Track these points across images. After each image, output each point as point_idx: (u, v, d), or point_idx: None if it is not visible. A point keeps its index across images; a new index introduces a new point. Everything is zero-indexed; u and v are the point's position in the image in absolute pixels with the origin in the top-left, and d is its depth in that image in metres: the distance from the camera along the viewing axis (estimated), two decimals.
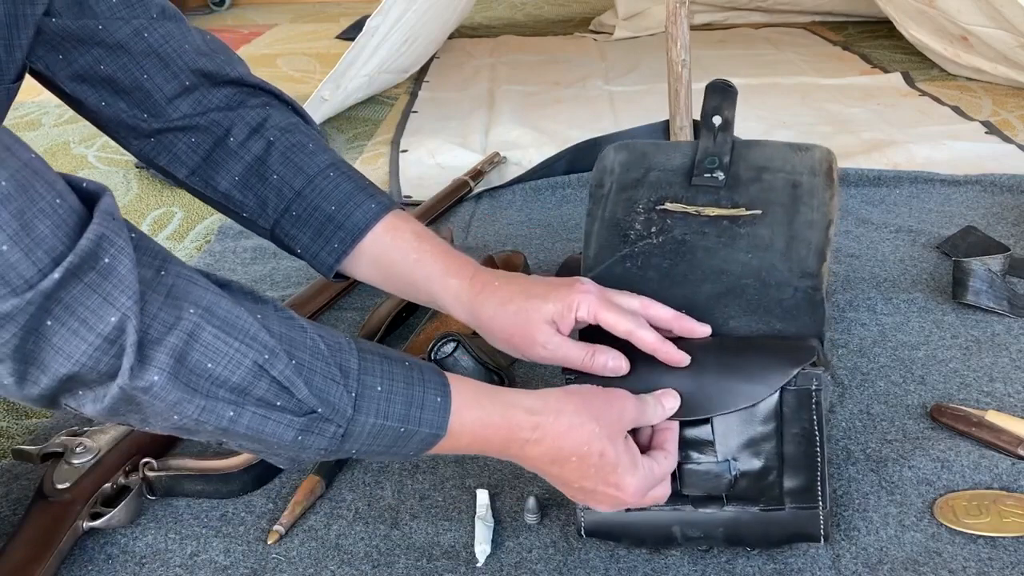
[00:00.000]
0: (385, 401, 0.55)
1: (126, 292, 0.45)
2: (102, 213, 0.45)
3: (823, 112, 1.87)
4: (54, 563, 0.70)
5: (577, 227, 1.32)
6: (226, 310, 0.49)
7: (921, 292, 1.08)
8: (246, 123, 0.72)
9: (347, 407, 0.53)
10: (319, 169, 0.73)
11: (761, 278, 0.71)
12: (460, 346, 0.83)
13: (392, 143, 1.79)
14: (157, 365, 0.46)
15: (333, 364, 0.53)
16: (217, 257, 1.28)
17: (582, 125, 1.81)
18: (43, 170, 0.44)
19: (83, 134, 1.90)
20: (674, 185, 0.78)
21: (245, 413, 0.51)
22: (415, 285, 0.72)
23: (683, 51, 1.44)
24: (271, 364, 0.50)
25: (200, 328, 0.48)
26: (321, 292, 1.08)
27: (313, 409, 0.52)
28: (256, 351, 0.50)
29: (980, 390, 0.89)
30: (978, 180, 1.40)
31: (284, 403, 0.51)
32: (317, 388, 0.52)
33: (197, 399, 0.48)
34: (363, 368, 0.55)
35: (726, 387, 0.65)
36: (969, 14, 1.90)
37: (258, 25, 3.23)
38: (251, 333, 0.50)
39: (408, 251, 0.72)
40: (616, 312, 0.66)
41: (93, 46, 0.67)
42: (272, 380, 0.50)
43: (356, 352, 0.56)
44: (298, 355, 0.52)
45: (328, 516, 0.77)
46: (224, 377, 0.49)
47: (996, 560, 0.69)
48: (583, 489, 0.63)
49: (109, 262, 0.45)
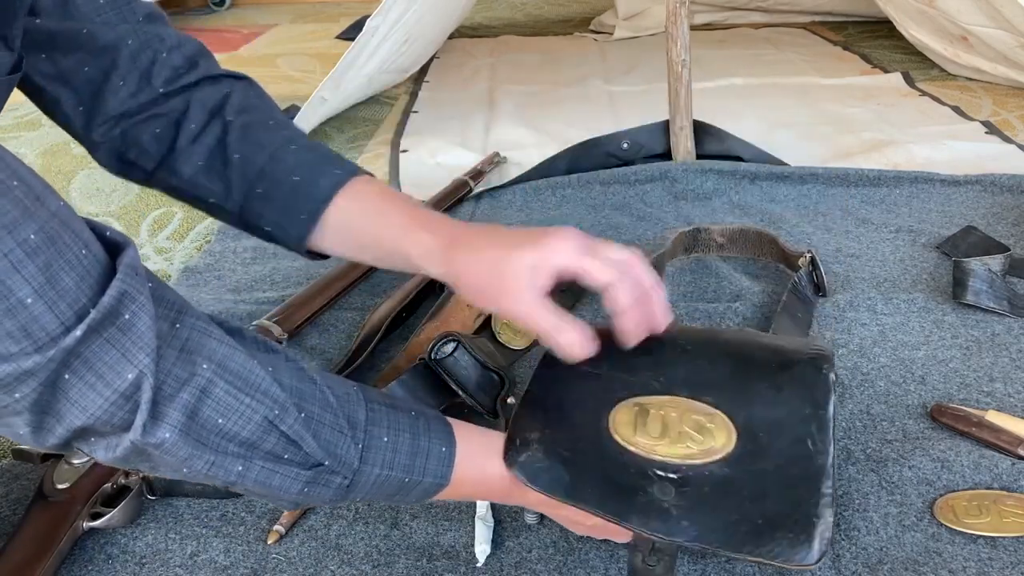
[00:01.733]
0: (391, 452, 0.56)
1: (144, 349, 0.45)
2: (125, 268, 0.45)
3: (823, 112, 1.87)
4: (54, 563, 0.70)
5: (577, 227, 1.32)
6: (239, 364, 0.49)
7: (921, 292, 1.08)
8: (203, 107, 0.72)
9: (354, 459, 0.54)
10: (280, 143, 0.71)
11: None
12: (460, 346, 0.83)
13: (392, 143, 1.79)
14: (169, 422, 0.47)
15: (342, 416, 0.54)
16: (217, 257, 1.28)
17: (582, 125, 1.80)
18: (70, 219, 0.45)
19: None
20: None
21: (253, 467, 0.51)
22: (384, 247, 0.69)
23: (683, 51, 1.45)
24: (281, 419, 0.50)
25: (212, 384, 0.48)
26: (321, 292, 1.08)
27: (320, 462, 0.53)
28: (267, 406, 0.50)
29: (980, 390, 0.89)
30: (978, 180, 1.40)
31: (292, 456, 0.52)
32: (325, 441, 0.53)
33: (207, 454, 0.49)
34: (370, 419, 0.55)
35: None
36: (969, 14, 1.90)
37: (258, 25, 3.22)
38: (263, 388, 0.50)
39: (375, 211, 0.69)
40: (600, 261, 0.62)
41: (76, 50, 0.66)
42: (281, 434, 0.51)
43: (364, 403, 0.56)
44: (307, 408, 0.52)
45: (328, 516, 0.77)
46: (234, 432, 0.49)
47: (996, 560, 0.69)
48: (594, 527, 0.63)
49: (129, 318, 0.45)
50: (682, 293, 1.11)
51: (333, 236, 0.72)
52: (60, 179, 1.65)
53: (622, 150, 1.53)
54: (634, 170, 1.47)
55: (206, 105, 0.72)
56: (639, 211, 1.37)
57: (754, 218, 1.32)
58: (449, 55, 2.54)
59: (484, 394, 0.84)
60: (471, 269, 0.64)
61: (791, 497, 0.58)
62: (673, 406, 0.63)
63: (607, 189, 1.45)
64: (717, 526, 0.57)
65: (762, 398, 0.63)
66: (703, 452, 0.60)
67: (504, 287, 0.62)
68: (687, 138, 1.49)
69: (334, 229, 0.71)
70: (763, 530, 0.56)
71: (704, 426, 0.61)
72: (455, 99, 2.11)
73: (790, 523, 0.56)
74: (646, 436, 0.61)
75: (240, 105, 0.73)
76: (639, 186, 1.44)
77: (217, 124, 0.72)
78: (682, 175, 1.44)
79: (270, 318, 1.01)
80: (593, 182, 1.46)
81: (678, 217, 1.34)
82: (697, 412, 0.63)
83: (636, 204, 1.39)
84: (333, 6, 3.55)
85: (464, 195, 1.43)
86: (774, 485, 0.58)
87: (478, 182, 1.47)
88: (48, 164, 1.74)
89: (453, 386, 0.82)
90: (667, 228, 1.27)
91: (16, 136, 1.91)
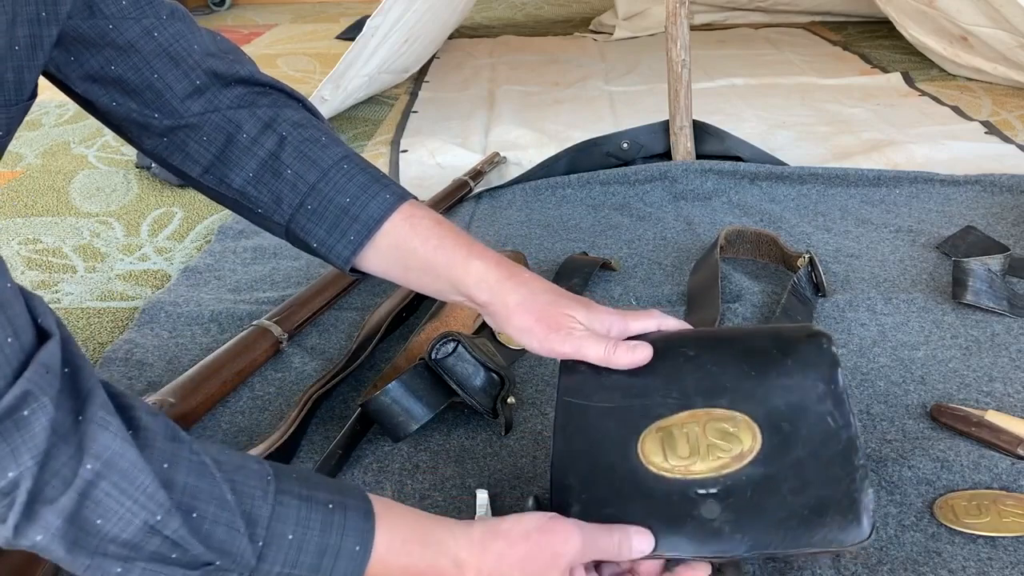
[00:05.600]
0: (295, 550, 0.53)
1: (31, 451, 0.45)
2: (38, 365, 0.46)
3: (823, 112, 1.87)
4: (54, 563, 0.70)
5: (577, 227, 1.33)
6: (129, 462, 0.48)
7: (921, 292, 1.08)
8: (258, 119, 0.72)
9: (250, 558, 0.52)
10: (333, 162, 0.73)
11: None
12: (460, 346, 0.83)
13: (392, 143, 1.79)
14: (43, 525, 0.46)
15: (238, 514, 0.52)
16: (217, 257, 1.28)
17: (582, 125, 1.81)
18: (10, 303, 0.45)
19: (83, 134, 1.90)
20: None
21: (135, 568, 0.50)
22: (435, 271, 0.72)
23: (683, 51, 1.45)
24: (163, 524, 0.49)
25: (94, 486, 0.47)
26: (321, 292, 1.08)
27: (210, 562, 0.51)
28: (149, 511, 0.48)
29: (980, 390, 0.90)
30: (978, 180, 1.40)
31: (179, 557, 0.50)
32: (218, 541, 0.51)
33: (82, 557, 0.48)
34: (275, 515, 0.53)
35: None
36: (969, 14, 1.90)
37: (258, 25, 3.22)
38: (148, 491, 0.48)
39: (429, 236, 0.71)
40: (641, 320, 0.69)
41: (104, 47, 0.67)
42: (164, 538, 0.49)
43: (272, 496, 0.53)
44: (200, 507, 0.50)
45: None
46: (114, 534, 0.48)
47: (996, 560, 0.69)
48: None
49: (27, 416, 0.45)
50: (681, 293, 1.12)
51: (380, 258, 0.73)
52: (60, 179, 1.65)
53: (622, 150, 1.53)
54: (634, 170, 1.47)
55: (260, 117, 0.72)
56: (639, 211, 1.37)
57: (754, 218, 1.32)
58: (449, 55, 2.54)
59: (484, 394, 0.84)
60: (524, 305, 0.68)
61: (828, 478, 0.60)
62: (693, 420, 0.64)
63: (607, 189, 1.45)
64: (769, 529, 0.59)
65: (774, 388, 0.64)
66: (735, 458, 0.61)
67: (555, 322, 0.67)
68: (687, 138, 1.49)
69: (382, 252, 0.73)
70: (811, 519, 0.58)
71: (728, 432, 0.63)
72: (455, 99, 2.11)
73: (835, 506, 0.58)
74: (677, 459, 0.62)
75: (294, 119, 0.74)
76: (639, 186, 1.44)
77: (271, 138, 0.72)
78: (682, 175, 1.44)
79: (270, 318, 1.01)
80: (593, 182, 1.46)
81: (678, 217, 1.34)
82: (717, 419, 0.63)
83: (636, 204, 1.40)
84: (333, 6, 3.55)
85: (464, 195, 1.43)
86: (810, 471, 0.60)
87: (478, 182, 1.47)
88: (48, 164, 1.74)
89: (453, 386, 0.82)
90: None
91: (16, 136, 1.90)
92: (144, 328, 1.07)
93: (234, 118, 0.72)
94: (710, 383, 0.65)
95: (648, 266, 1.20)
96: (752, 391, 0.64)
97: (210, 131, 0.71)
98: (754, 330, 0.74)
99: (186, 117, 0.70)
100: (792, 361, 0.65)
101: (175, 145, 0.72)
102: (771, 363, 0.65)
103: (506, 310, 0.69)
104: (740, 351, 0.67)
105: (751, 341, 0.68)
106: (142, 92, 0.69)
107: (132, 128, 0.71)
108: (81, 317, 1.14)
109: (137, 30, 0.67)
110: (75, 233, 1.41)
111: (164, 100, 0.69)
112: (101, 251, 1.34)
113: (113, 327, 1.11)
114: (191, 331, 1.06)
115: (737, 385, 0.64)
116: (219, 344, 0.97)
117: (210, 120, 0.71)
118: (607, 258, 1.19)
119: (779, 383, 0.64)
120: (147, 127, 0.71)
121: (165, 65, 0.69)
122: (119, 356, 1.01)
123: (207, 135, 0.72)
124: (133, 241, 1.37)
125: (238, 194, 0.73)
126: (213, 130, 0.71)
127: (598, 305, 0.69)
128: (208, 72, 0.70)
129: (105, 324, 1.12)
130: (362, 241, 0.72)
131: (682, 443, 0.63)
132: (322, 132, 0.74)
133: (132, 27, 0.67)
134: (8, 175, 1.69)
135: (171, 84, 0.69)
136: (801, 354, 0.65)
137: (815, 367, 0.65)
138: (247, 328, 1.00)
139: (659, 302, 1.10)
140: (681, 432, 0.63)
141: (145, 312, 1.11)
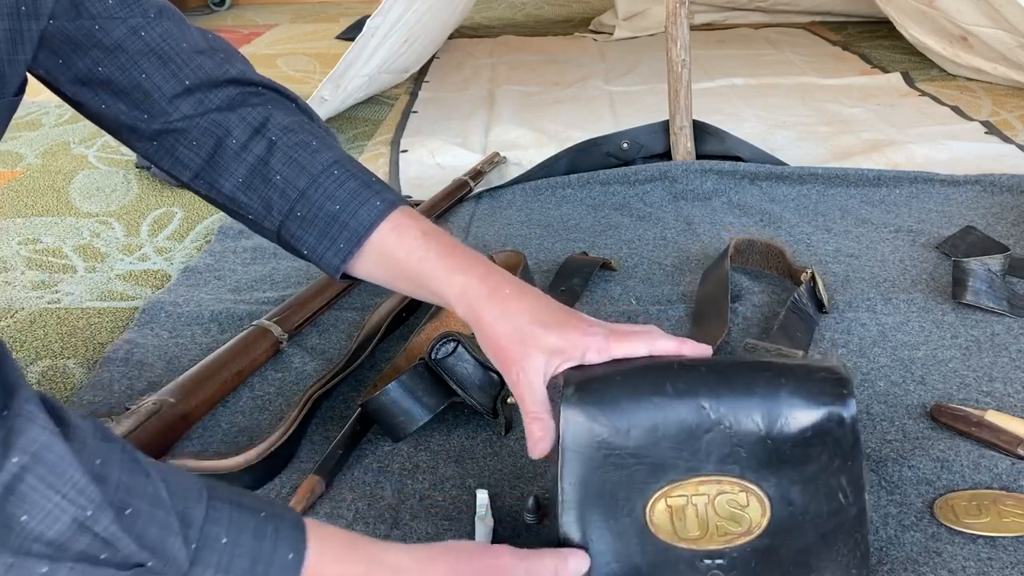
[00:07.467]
0: (228, 555, 0.52)
1: None
2: None
3: (823, 112, 1.87)
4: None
5: (577, 227, 1.33)
6: (58, 456, 0.46)
7: (921, 292, 1.08)
8: (247, 123, 0.72)
9: (183, 560, 0.50)
10: (323, 167, 0.72)
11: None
12: (460, 346, 0.83)
13: (392, 143, 1.79)
14: None
15: (173, 514, 0.50)
16: (217, 257, 1.28)
17: (582, 125, 1.81)
18: None
19: (83, 134, 1.91)
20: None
21: (61, 569, 0.48)
22: (419, 282, 0.71)
23: (683, 51, 1.45)
24: (94, 520, 0.47)
25: (20, 480, 0.45)
26: (321, 292, 1.09)
27: (142, 563, 0.49)
28: (78, 507, 0.46)
29: (980, 390, 0.90)
30: (978, 180, 1.40)
31: (109, 557, 0.48)
32: (151, 539, 0.49)
33: (5, 556, 0.46)
34: (209, 517, 0.52)
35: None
36: (969, 14, 1.90)
37: (258, 25, 3.23)
38: (78, 486, 0.46)
39: (414, 248, 0.71)
40: (628, 342, 0.65)
41: (90, 48, 0.66)
42: (95, 536, 0.47)
43: (205, 500, 0.52)
44: (134, 504, 0.49)
45: (328, 516, 0.77)
46: (39, 532, 0.46)
47: (996, 560, 0.69)
48: None
49: None
50: (681, 293, 1.12)
51: (369, 265, 0.73)
52: (60, 179, 1.65)
53: (622, 150, 1.53)
54: (634, 170, 1.47)
55: (250, 121, 0.71)
56: (639, 211, 1.37)
57: (754, 218, 1.32)
58: (449, 55, 2.54)
59: (484, 394, 0.84)
60: (496, 328, 0.66)
61: (830, 554, 0.61)
62: (703, 490, 0.63)
63: (607, 189, 1.45)
64: None
65: (790, 458, 0.62)
66: (743, 532, 0.62)
67: (515, 359, 0.65)
68: (687, 138, 1.49)
69: (371, 259, 0.72)
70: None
71: (737, 512, 0.62)
72: (455, 99, 2.11)
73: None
74: (687, 536, 0.62)
75: (284, 123, 0.72)
76: (639, 186, 1.44)
77: (260, 143, 0.71)
78: (682, 175, 1.44)
79: (270, 318, 1.01)
80: (593, 182, 1.46)
81: (678, 217, 1.34)
82: (727, 492, 0.62)
83: (636, 204, 1.40)
84: (333, 6, 3.55)
85: (464, 195, 1.43)
86: (813, 545, 0.62)
87: (478, 182, 1.47)
88: (48, 164, 1.74)
89: (453, 386, 0.82)
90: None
91: (16, 136, 1.91)
92: (144, 328, 1.07)
93: (223, 122, 0.71)
94: (724, 448, 0.62)
95: (648, 266, 1.20)
96: (767, 460, 0.62)
97: (199, 135, 0.71)
98: (777, 382, 0.65)
99: (175, 119, 0.70)
100: (812, 433, 0.62)
101: (164, 149, 0.71)
102: (790, 431, 0.62)
103: (480, 329, 0.68)
104: (759, 407, 0.63)
105: (774, 397, 0.63)
106: (130, 92, 0.68)
107: (122, 130, 0.71)
108: (81, 317, 1.14)
109: (124, 30, 0.67)
110: (75, 233, 1.41)
111: (152, 100, 0.69)
112: (101, 251, 1.34)
113: (113, 327, 1.11)
114: (191, 331, 1.06)
115: (752, 451, 0.62)
116: (219, 344, 0.97)
117: (198, 124, 0.70)
118: (607, 258, 1.19)
119: (795, 453, 0.62)
120: (136, 130, 0.70)
121: (153, 65, 0.68)
122: (119, 356, 1.01)
123: (196, 139, 0.71)
124: (133, 241, 1.37)
125: (228, 200, 0.73)
126: (202, 134, 0.71)
127: (583, 320, 0.66)
128: (198, 71, 0.70)
129: (105, 324, 1.12)
130: (351, 249, 0.72)
131: (691, 520, 0.62)
132: (313, 136, 0.73)
133: (119, 27, 0.66)
134: (8, 175, 1.69)
135: (159, 84, 0.69)
136: (823, 428, 0.62)
137: (836, 441, 0.62)
138: (247, 328, 1.00)
139: (659, 302, 1.10)
140: (691, 504, 0.62)
141: (145, 312, 1.11)
